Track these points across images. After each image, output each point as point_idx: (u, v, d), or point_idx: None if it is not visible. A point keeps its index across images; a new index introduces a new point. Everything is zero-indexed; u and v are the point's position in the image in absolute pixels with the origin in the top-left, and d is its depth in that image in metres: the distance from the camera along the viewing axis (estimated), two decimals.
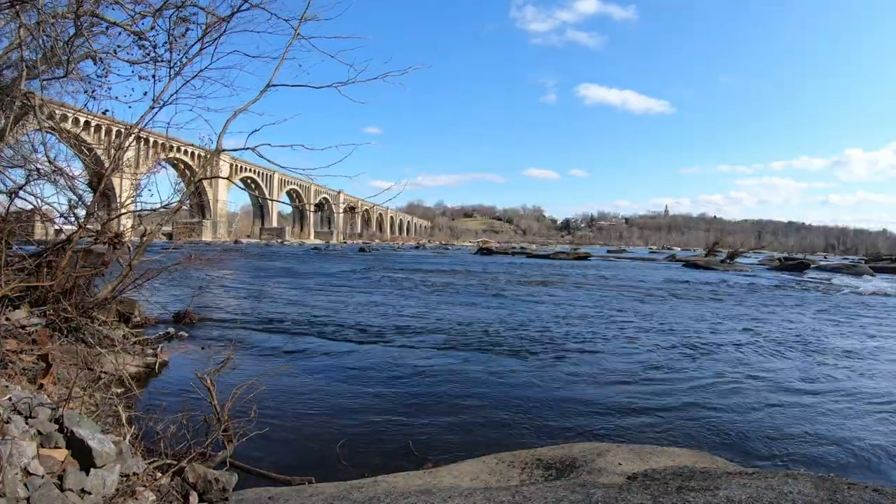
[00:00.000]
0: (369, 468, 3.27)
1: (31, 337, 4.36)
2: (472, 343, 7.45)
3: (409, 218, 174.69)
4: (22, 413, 2.11)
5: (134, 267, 6.24)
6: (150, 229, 6.64)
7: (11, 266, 4.99)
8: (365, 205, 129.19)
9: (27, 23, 4.95)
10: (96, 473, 1.95)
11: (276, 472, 3.07)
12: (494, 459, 3.19)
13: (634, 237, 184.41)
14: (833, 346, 7.98)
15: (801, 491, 1.94)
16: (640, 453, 3.15)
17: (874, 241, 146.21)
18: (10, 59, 5.92)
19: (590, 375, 5.83)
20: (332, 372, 5.75)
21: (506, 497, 2.16)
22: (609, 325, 9.41)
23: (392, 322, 9.11)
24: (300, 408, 4.49)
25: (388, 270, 23.69)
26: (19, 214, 5.68)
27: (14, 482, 1.73)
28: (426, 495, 2.30)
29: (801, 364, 6.70)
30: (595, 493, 2.09)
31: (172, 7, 5.40)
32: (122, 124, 7.25)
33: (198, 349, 6.38)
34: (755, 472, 2.42)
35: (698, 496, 1.96)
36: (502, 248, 61.50)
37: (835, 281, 24.64)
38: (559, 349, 7.17)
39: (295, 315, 9.56)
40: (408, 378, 5.55)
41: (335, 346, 7.07)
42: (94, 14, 5.04)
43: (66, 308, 5.19)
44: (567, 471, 2.90)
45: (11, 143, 6.15)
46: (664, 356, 6.90)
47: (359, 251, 51.36)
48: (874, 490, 1.98)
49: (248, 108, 6.83)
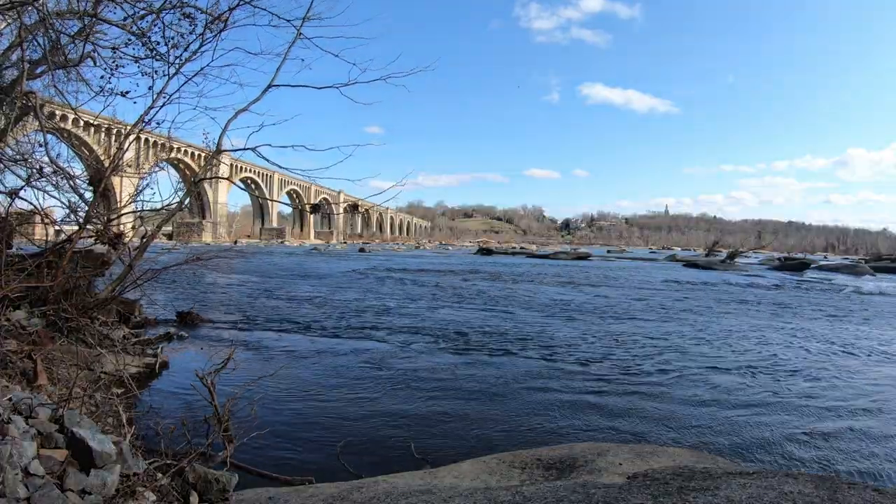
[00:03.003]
0: (369, 468, 3.27)
1: (32, 337, 4.36)
2: (471, 343, 7.45)
3: (410, 218, 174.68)
4: (22, 413, 2.11)
5: (134, 267, 6.24)
6: (151, 230, 6.65)
7: (12, 266, 4.98)
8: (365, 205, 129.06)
9: (28, 23, 4.95)
10: (96, 474, 1.95)
11: (276, 472, 3.07)
12: (495, 459, 3.19)
13: (634, 237, 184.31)
14: (832, 345, 7.97)
15: (801, 491, 1.94)
16: (641, 453, 3.15)
17: (875, 241, 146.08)
18: (10, 59, 5.93)
19: (590, 375, 5.83)
20: (333, 372, 5.75)
21: (506, 497, 2.16)
22: (609, 325, 9.40)
23: (392, 322, 9.10)
24: (300, 408, 4.49)
25: (389, 271, 23.68)
26: (20, 215, 5.68)
27: (14, 482, 1.73)
28: (427, 495, 2.30)
29: (801, 364, 6.69)
30: (595, 493, 2.09)
31: (171, 7, 5.41)
32: (123, 124, 7.25)
33: (198, 350, 6.38)
34: (756, 471, 2.41)
35: (699, 496, 1.95)
36: (502, 249, 61.50)
37: (835, 281, 24.64)
38: (559, 349, 7.16)
39: (295, 315, 9.56)
40: (408, 378, 5.55)
41: (335, 347, 7.06)
42: (94, 14, 5.04)
43: (66, 308, 5.19)
44: (567, 471, 2.89)
45: (12, 143, 6.15)
46: (664, 356, 6.90)
47: (359, 251, 51.34)
48: (874, 490, 1.98)
49: (249, 108, 6.84)
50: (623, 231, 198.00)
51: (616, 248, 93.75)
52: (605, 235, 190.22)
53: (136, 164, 8.56)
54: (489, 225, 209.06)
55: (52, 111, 6.65)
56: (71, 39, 5.18)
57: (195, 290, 12.65)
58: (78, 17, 5.06)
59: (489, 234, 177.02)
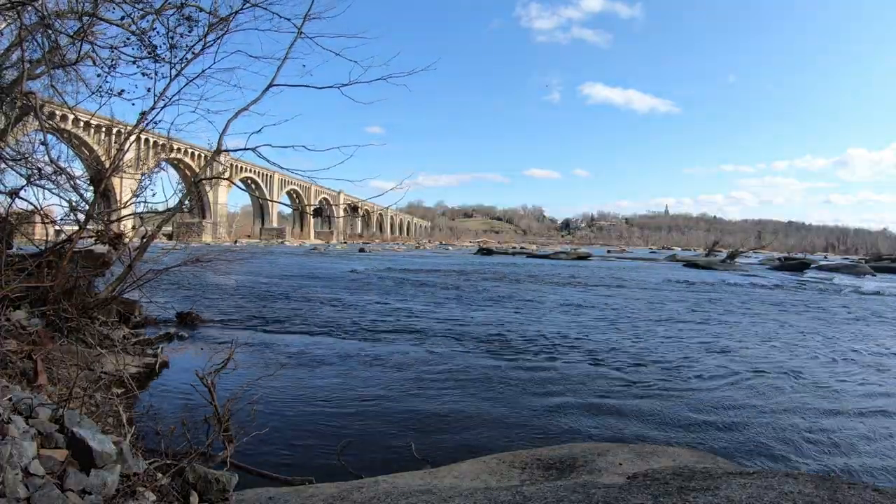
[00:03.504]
0: (370, 468, 3.27)
1: (32, 337, 4.36)
2: (471, 343, 7.45)
3: (410, 218, 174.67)
4: (22, 413, 2.11)
5: (134, 268, 6.24)
6: (151, 230, 6.65)
7: (12, 266, 4.99)
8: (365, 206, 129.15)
9: (28, 23, 4.95)
10: (97, 474, 1.95)
11: (276, 472, 3.07)
12: (495, 459, 3.19)
13: (635, 237, 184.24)
14: (832, 345, 7.97)
15: (801, 491, 1.94)
16: (641, 453, 3.15)
17: (874, 240, 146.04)
18: (10, 59, 5.93)
19: (590, 375, 5.83)
20: (333, 372, 5.75)
21: (506, 497, 2.16)
22: (609, 325, 9.40)
23: (393, 322, 9.10)
24: (300, 408, 4.49)
25: (389, 271, 23.68)
26: (20, 215, 5.69)
27: (14, 482, 1.73)
28: (427, 495, 2.30)
29: (801, 364, 6.69)
30: (596, 493, 2.09)
31: (172, 7, 5.41)
32: (123, 125, 7.26)
33: (198, 350, 6.38)
34: (756, 471, 2.41)
35: (699, 496, 1.95)
36: (502, 249, 61.48)
37: (835, 281, 24.64)
38: (559, 349, 7.16)
39: (295, 315, 9.56)
40: (409, 378, 5.55)
41: (336, 347, 7.06)
42: (94, 14, 5.03)
43: (66, 308, 5.19)
44: (568, 471, 2.89)
45: (12, 143, 6.15)
46: (664, 356, 6.90)
47: (359, 251, 51.35)
48: (874, 490, 1.98)
49: (250, 108, 6.85)
50: (623, 231, 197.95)
51: (616, 249, 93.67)
52: (605, 235, 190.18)
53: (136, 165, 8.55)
54: (489, 225, 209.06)
55: (52, 111, 6.64)
56: (70, 39, 5.18)
57: (195, 291, 12.65)
58: (77, 16, 5.05)
59: (489, 234, 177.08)
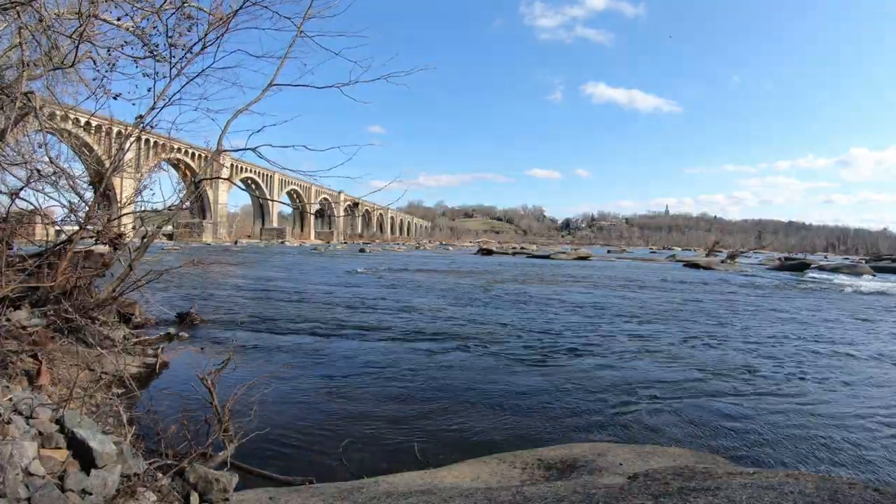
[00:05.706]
0: (370, 468, 3.27)
1: (32, 338, 4.36)
2: (472, 343, 7.45)
3: (410, 218, 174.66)
4: (23, 413, 2.11)
5: (135, 268, 6.24)
6: (152, 230, 6.65)
7: (12, 267, 4.99)
8: (365, 205, 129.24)
9: (28, 23, 4.95)
10: (97, 474, 1.95)
11: (276, 472, 3.07)
12: (495, 460, 3.19)
13: (635, 237, 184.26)
14: (832, 346, 7.97)
15: (801, 491, 1.94)
16: (641, 453, 3.15)
17: (875, 240, 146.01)
18: (10, 59, 5.93)
19: (590, 375, 5.83)
20: (333, 372, 5.75)
21: (507, 497, 2.16)
22: (609, 325, 9.40)
23: (393, 322, 9.10)
24: (301, 408, 4.49)
25: (389, 271, 23.68)
26: (20, 215, 5.69)
27: (15, 482, 1.73)
28: (427, 495, 2.30)
29: (801, 364, 6.69)
30: (596, 493, 2.09)
31: (172, 7, 5.41)
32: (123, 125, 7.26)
33: (198, 350, 6.38)
34: (756, 471, 2.41)
35: (699, 496, 1.95)
36: (503, 249, 61.44)
37: (835, 280, 24.64)
38: (560, 349, 7.16)
39: (295, 315, 9.56)
40: (409, 378, 5.55)
41: (336, 347, 7.06)
42: (94, 14, 5.04)
43: (66, 309, 5.19)
44: (568, 471, 2.90)
45: (12, 143, 6.15)
46: (664, 356, 6.89)
47: (359, 251, 51.36)
48: (875, 490, 1.98)
49: (250, 108, 6.84)
50: (623, 231, 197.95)
51: (616, 249, 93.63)
52: (605, 235, 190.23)
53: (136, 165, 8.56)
54: (490, 225, 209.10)
55: (53, 111, 6.64)
56: (70, 39, 5.18)
57: (195, 291, 12.65)
58: (77, 16, 5.05)
59: (489, 234, 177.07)
